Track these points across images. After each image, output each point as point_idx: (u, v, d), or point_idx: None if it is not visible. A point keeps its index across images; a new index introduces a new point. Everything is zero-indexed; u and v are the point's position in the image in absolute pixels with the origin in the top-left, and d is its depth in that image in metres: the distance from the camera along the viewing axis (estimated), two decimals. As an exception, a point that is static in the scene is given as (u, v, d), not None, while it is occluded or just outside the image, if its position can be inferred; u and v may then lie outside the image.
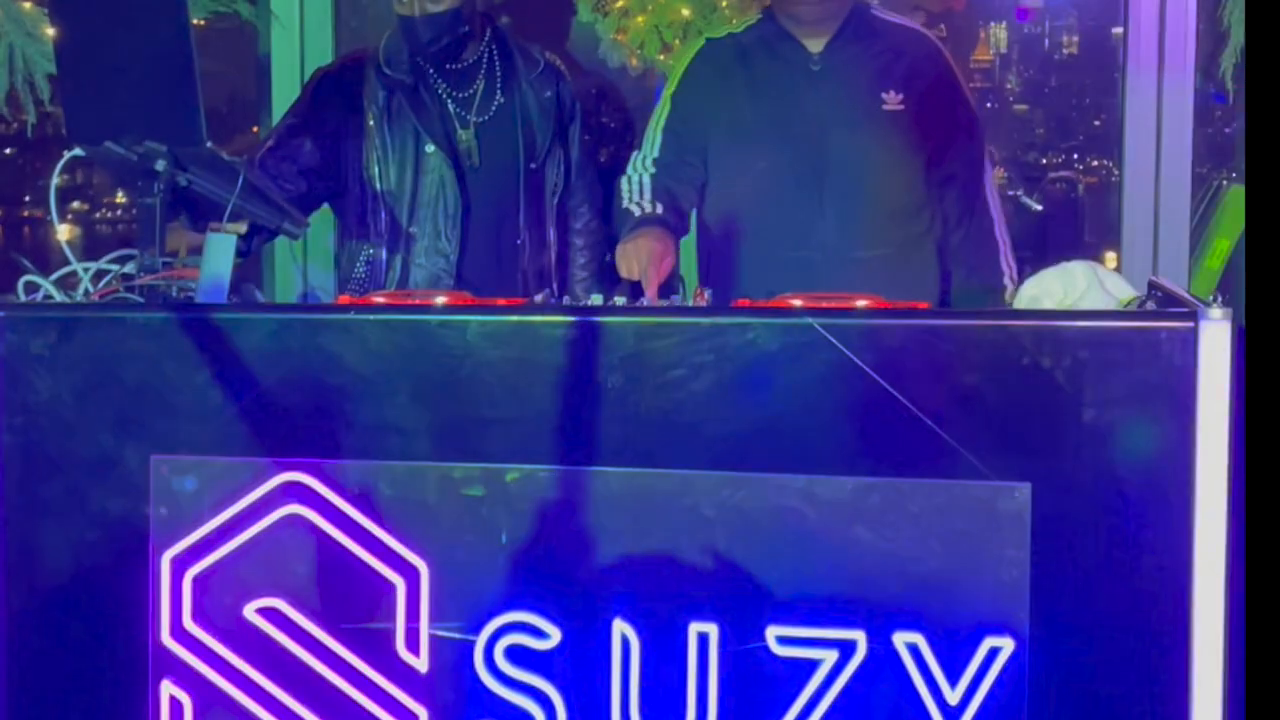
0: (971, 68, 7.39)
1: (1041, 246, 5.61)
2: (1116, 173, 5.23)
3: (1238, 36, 4.36)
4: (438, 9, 3.92)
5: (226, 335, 2.75)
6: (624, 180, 3.89)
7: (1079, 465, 2.49)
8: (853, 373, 2.54)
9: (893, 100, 3.86)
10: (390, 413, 2.70)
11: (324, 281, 4.66)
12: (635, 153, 3.97)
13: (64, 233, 3.19)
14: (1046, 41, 7.56)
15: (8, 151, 6.86)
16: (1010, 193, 6.72)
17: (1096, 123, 6.88)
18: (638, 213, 3.76)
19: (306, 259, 4.92)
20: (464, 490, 2.67)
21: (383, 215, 4.03)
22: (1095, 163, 6.80)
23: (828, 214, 3.82)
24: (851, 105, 3.86)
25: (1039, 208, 6.53)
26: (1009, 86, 7.69)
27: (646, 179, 3.85)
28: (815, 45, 3.90)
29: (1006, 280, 3.91)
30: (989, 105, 7.57)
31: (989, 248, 3.95)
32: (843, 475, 2.56)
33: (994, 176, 4.10)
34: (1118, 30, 5.29)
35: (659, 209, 3.76)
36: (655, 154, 3.91)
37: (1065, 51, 7.52)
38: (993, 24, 7.51)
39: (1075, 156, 7.08)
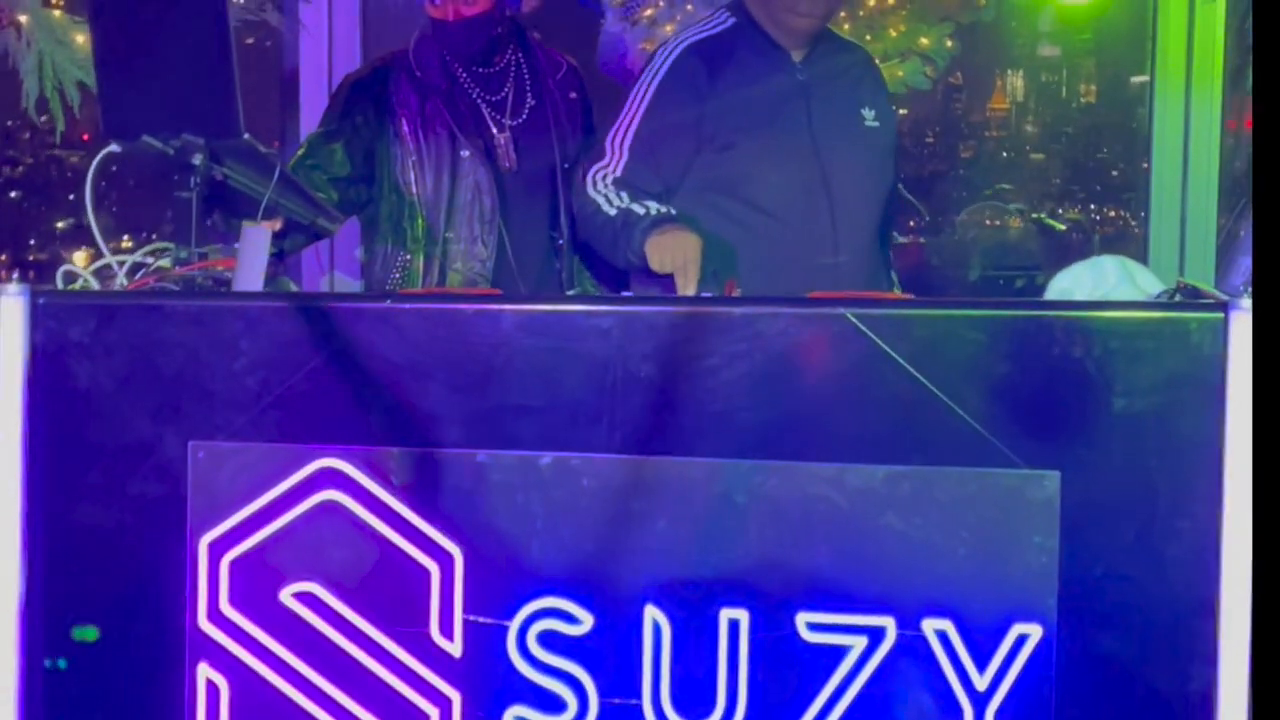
0: (988, 116, 7.43)
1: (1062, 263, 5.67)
2: (1134, 224, 5.29)
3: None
4: (472, 11, 4.00)
5: (263, 323, 2.82)
6: (590, 190, 3.77)
7: (1108, 454, 2.55)
8: (884, 363, 2.60)
9: (870, 118, 3.90)
10: (426, 401, 2.76)
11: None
12: (596, 164, 3.82)
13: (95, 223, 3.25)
14: (1064, 89, 7.54)
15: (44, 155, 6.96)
16: (1034, 215, 6.79)
17: (1114, 173, 6.88)
18: (641, 212, 3.67)
19: (333, 269, 4.99)
20: (497, 477, 2.73)
21: (418, 220, 4.10)
22: (1112, 213, 6.81)
23: (837, 227, 3.82)
24: (839, 120, 3.88)
25: (1063, 227, 6.61)
26: (1026, 135, 7.66)
27: (613, 186, 3.75)
28: (797, 55, 3.88)
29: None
30: (1005, 154, 7.55)
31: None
32: (874, 464, 2.62)
33: None
34: (1136, 79, 5.35)
35: (668, 210, 3.69)
36: (618, 172, 3.77)
37: (1083, 100, 7.49)
38: (1009, 72, 7.52)
39: (1092, 206, 7.08)
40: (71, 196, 7.33)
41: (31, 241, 7.49)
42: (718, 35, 3.87)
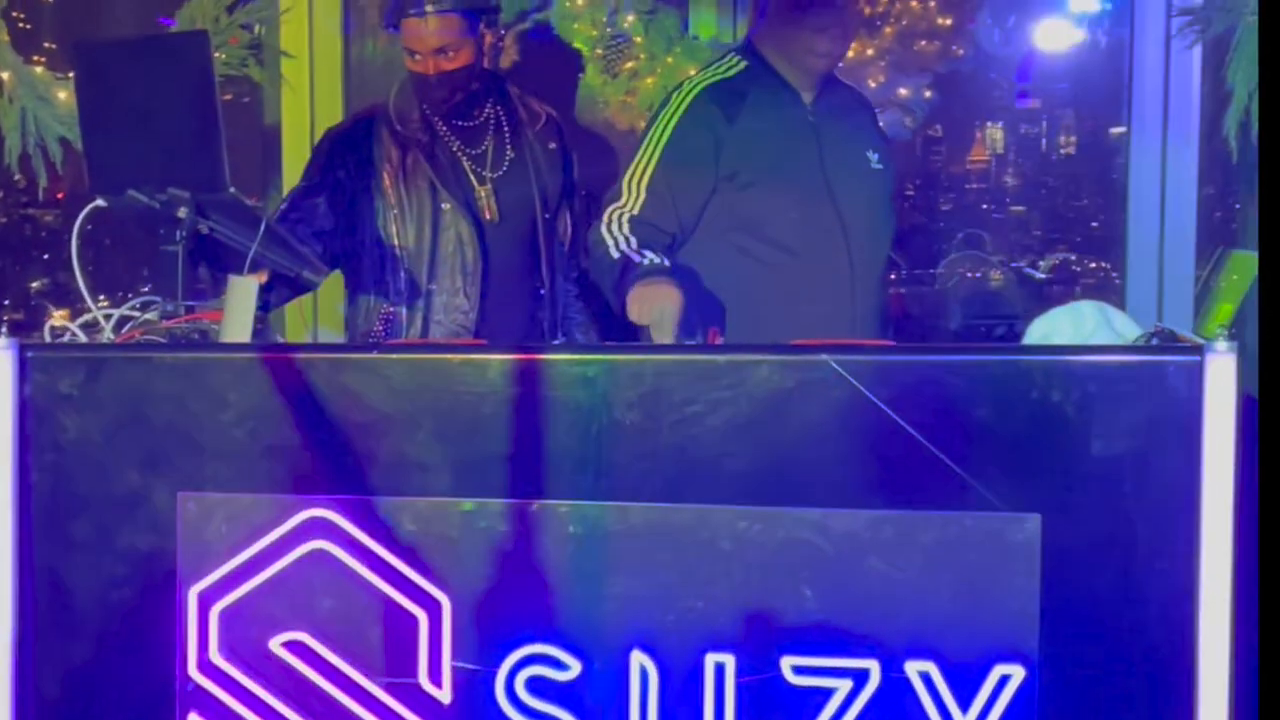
0: (968, 168, 7.49)
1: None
2: (1114, 275, 5.35)
3: (1241, 96, 4.50)
4: (452, 66, 4.06)
5: (251, 375, 2.87)
6: (604, 230, 3.85)
7: (1088, 497, 2.61)
8: (866, 408, 2.66)
9: (874, 160, 4.02)
10: (413, 449, 2.81)
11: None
12: (614, 204, 3.90)
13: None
14: (1044, 142, 7.59)
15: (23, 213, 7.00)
16: (1014, 264, 6.86)
17: (1095, 224, 6.94)
18: (639, 260, 3.74)
19: (317, 321, 5.04)
20: (484, 525, 2.78)
21: (401, 273, 4.16)
22: (1094, 265, 6.86)
23: (854, 265, 3.94)
24: (848, 160, 3.99)
25: (1043, 277, 6.68)
26: (1006, 186, 7.71)
27: (628, 229, 3.83)
28: (807, 96, 4.00)
29: None
30: (985, 207, 7.59)
31: None
32: (857, 508, 2.68)
33: None
34: (1116, 130, 5.42)
35: (664, 260, 3.76)
36: (635, 210, 3.86)
37: (1063, 152, 7.54)
38: (989, 124, 7.57)
39: (1073, 257, 7.13)
40: (46, 256, 7.37)
41: (5, 301, 7.52)
42: (730, 78, 3.99)
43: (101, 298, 3.76)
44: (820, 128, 3.98)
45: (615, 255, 3.78)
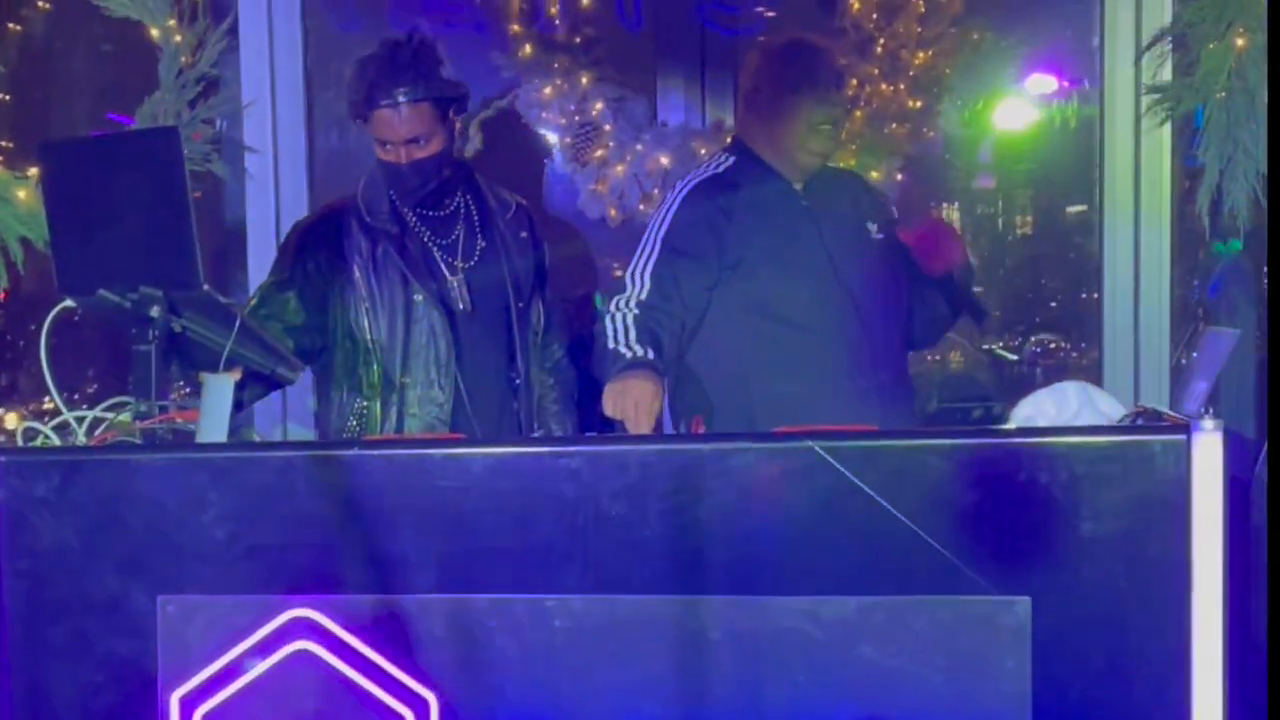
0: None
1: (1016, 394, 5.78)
2: (1075, 354, 5.40)
3: (1213, 172, 4.57)
4: (424, 154, 4.10)
5: (229, 474, 2.89)
6: (607, 320, 3.97)
7: (1078, 578, 2.64)
8: (853, 494, 2.70)
9: (874, 231, 4.12)
10: (395, 546, 2.83)
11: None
12: (618, 295, 4.03)
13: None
14: (1000, 221, 7.65)
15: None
16: (985, 346, 6.91)
17: (1053, 304, 6.99)
18: (628, 355, 3.83)
19: (286, 419, 5.06)
20: (470, 621, 2.80)
21: (373, 366, 4.18)
22: (1053, 344, 6.91)
23: (872, 338, 4.06)
24: (847, 236, 4.11)
25: (1014, 358, 6.74)
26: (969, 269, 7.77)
27: (630, 319, 3.94)
28: (798, 184, 4.15)
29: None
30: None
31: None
32: (847, 595, 2.71)
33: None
34: (1073, 208, 5.50)
35: (648, 353, 3.84)
36: (642, 296, 3.99)
37: (1019, 232, 7.59)
38: (944, 205, 7.63)
39: (1033, 338, 7.18)
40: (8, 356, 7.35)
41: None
42: (721, 173, 4.17)
43: (71, 394, 3.77)
44: (815, 210, 4.12)
45: (609, 345, 3.89)
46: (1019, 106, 6.00)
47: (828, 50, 4.18)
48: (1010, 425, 3.04)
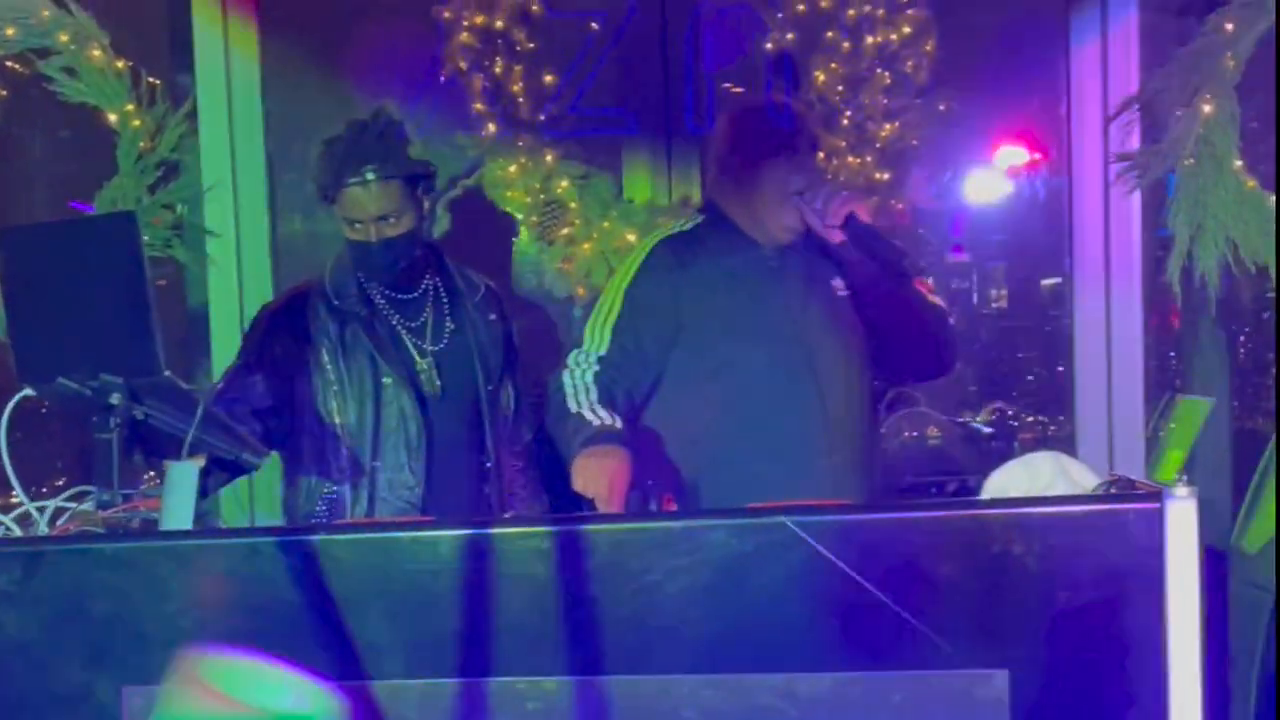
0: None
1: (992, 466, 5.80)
2: (1053, 427, 5.44)
3: (1183, 240, 4.62)
4: (394, 233, 4.12)
5: (195, 561, 2.89)
6: (566, 377, 3.95)
7: (1054, 649, 2.66)
8: (827, 569, 2.71)
9: (841, 287, 4.10)
10: (364, 631, 2.82)
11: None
12: (576, 350, 4.01)
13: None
14: (975, 296, 7.68)
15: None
16: (959, 420, 6.94)
17: (1030, 377, 7.02)
18: (594, 421, 3.80)
19: (253, 506, 5.05)
20: (442, 706, 2.80)
21: (343, 451, 4.18)
22: (1030, 417, 6.94)
23: (827, 408, 4.00)
24: (813, 295, 4.07)
25: (989, 431, 6.77)
26: None
27: (590, 377, 3.92)
28: (767, 248, 4.09)
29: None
30: None
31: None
32: (823, 671, 2.72)
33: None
34: (1048, 281, 5.54)
35: (616, 421, 3.81)
36: (601, 350, 3.97)
37: (994, 305, 7.62)
38: (931, 278, 7.67)
39: (1010, 411, 7.21)
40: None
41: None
42: (688, 231, 4.14)
43: (38, 486, 3.76)
44: (783, 269, 4.08)
45: (571, 407, 3.86)
46: (988, 177, 6.06)
47: (802, 116, 4.18)
48: (983, 496, 3.06)
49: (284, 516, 4.50)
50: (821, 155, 5.07)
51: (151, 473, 3.44)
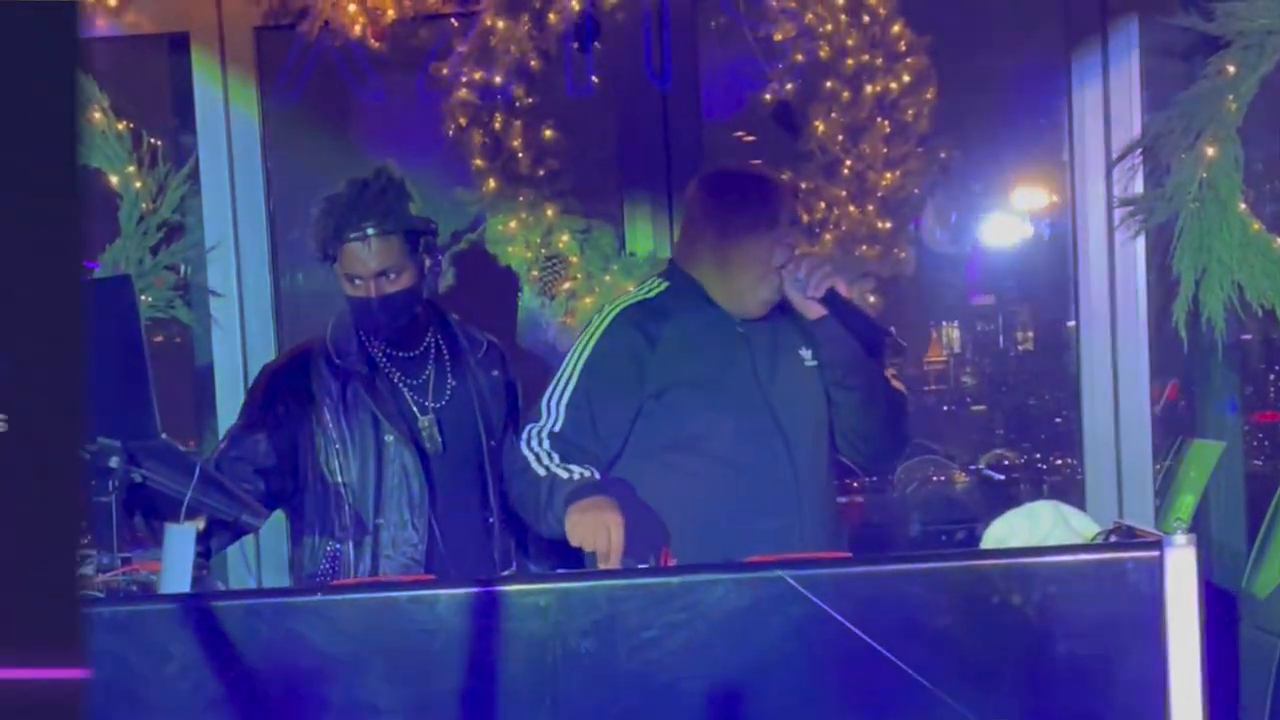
0: (925, 369, 7.55)
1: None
2: (1081, 471, 5.43)
3: (1188, 283, 4.62)
4: (394, 289, 4.13)
5: (194, 624, 2.90)
6: (524, 449, 3.87)
7: (1055, 699, 2.66)
8: (826, 622, 2.71)
9: (808, 358, 4.03)
10: (364, 692, 2.84)
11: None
12: (531, 425, 3.93)
13: None
14: (1001, 339, 7.65)
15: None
16: (972, 466, 6.95)
17: (1058, 420, 7.01)
18: (567, 476, 3.74)
19: (260, 566, 5.06)
20: (442, 766, 2.81)
21: (345, 509, 4.19)
22: (1059, 461, 6.92)
23: (798, 478, 3.91)
24: (782, 364, 3.98)
25: (1000, 477, 6.77)
26: (965, 386, 7.75)
27: (547, 445, 3.84)
28: (736, 316, 3.99)
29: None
30: (946, 409, 7.64)
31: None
32: (823, 725, 2.73)
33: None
34: (1071, 323, 5.54)
35: (593, 473, 3.76)
36: (555, 428, 3.88)
37: (1021, 348, 7.60)
38: (944, 324, 7.62)
39: (1037, 455, 7.18)
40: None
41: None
42: (653, 298, 4.02)
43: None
44: (751, 337, 3.99)
45: (541, 472, 3.78)
46: (992, 223, 6.07)
47: (780, 186, 4.10)
48: (983, 546, 3.07)
49: (290, 575, 4.51)
50: (823, 205, 5.08)
51: (141, 536, 3.45)
